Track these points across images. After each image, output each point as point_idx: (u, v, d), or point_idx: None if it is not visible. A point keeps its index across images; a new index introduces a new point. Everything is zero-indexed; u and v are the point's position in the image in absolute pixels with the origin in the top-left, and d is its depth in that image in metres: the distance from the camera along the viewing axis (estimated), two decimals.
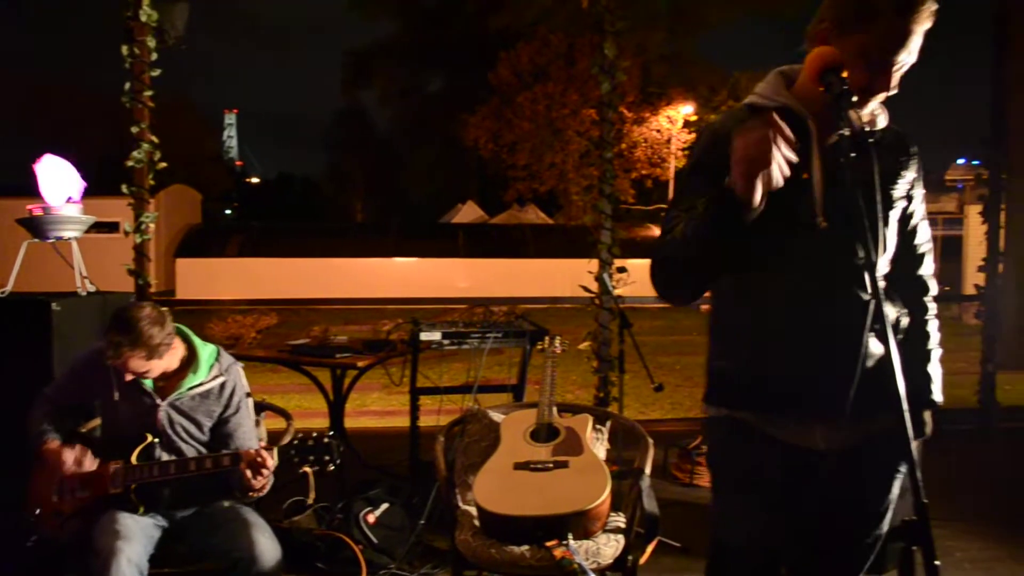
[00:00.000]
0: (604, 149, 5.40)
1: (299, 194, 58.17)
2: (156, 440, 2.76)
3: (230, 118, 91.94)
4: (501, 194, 28.89)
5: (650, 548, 3.28)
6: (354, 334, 4.91)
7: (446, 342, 4.23)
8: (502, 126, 26.50)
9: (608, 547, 2.69)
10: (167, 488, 2.76)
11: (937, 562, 1.42)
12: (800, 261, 1.79)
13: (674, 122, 26.08)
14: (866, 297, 1.78)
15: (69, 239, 4.02)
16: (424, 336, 4.21)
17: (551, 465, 2.85)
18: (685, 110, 26.21)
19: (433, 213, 36.60)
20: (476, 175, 38.73)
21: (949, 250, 20.13)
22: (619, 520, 2.87)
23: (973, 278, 6.42)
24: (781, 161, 1.58)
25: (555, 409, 3.19)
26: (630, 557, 2.73)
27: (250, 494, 2.71)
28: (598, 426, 3.25)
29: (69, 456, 2.73)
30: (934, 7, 1.70)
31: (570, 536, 2.61)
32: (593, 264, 5.39)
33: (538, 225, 25.19)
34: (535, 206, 28.03)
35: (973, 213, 9.01)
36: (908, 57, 1.73)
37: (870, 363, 1.81)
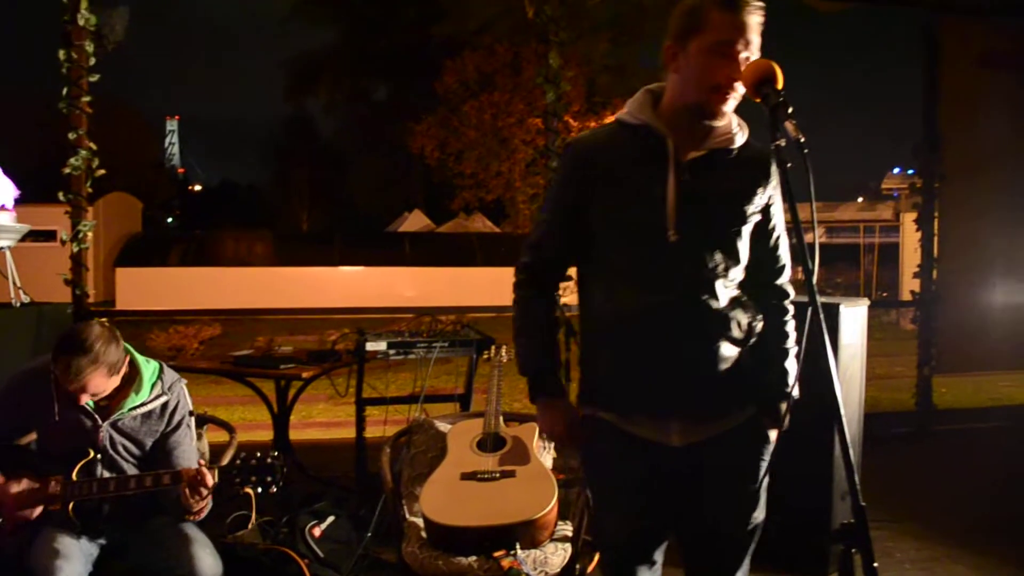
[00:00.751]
0: (550, 158, 5.44)
1: (243, 202, 57.34)
2: (97, 456, 2.68)
3: (172, 124, 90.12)
4: (448, 203, 28.82)
5: (597, 556, 3.30)
6: (299, 344, 4.86)
7: (392, 352, 4.20)
8: (448, 134, 26.45)
9: (556, 556, 2.70)
10: (106, 505, 2.69)
11: (875, 564, 1.45)
12: (653, 271, 1.91)
13: (595, 128, 26.22)
14: (715, 305, 1.91)
15: (3, 248, 3.92)
16: (370, 346, 4.18)
17: (498, 475, 2.85)
18: None
19: (380, 222, 36.39)
20: (423, 184, 38.59)
21: (886, 257, 20.64)
22: (566, 528, 2.88)
23: (910, 284, 6.60)
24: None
25: (501, 418, 3.19)
26: (577, 565, 2.75)
27: (188, 517, 2.66)
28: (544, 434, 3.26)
29: (12, 490, 2.63)
30: (759, 3, 1.83)
31: (518, 546, 2.61)
32: None
33: (485, 234, 25.19)
34: (482, 215, 28.02)
35: (908, 221, 9.27)
36: (749, 51, 1.83)
37: (722, 365, 1.93)
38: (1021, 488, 5.00)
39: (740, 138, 1.95)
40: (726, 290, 1.94)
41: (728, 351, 1.93)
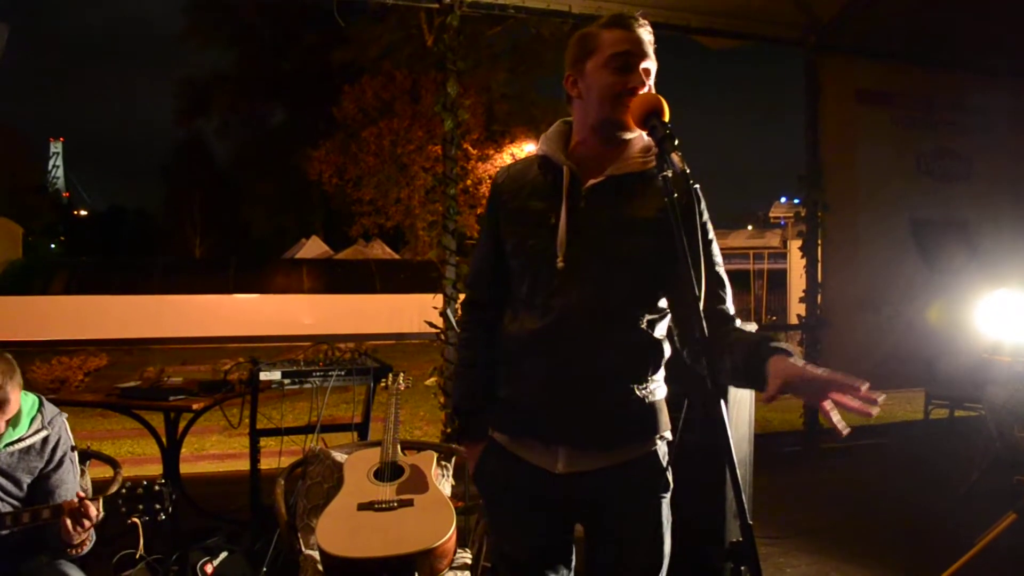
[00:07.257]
0: (448, 185, 5.46)
1: (132, 227, 55.59)
2: None
3: (56, 146, 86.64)
4: (346, 229, 28.50)
5: None
6: (191, 374, 4.71)
7: (286, 381, 4.12)
8: (347, 160, 26.19)
9: None
10: None
11: None
12: (542, 297, 1.93)
13: (518, 159, 26.55)
14: (606, 333, 1.89)
15: None
16: (263, 375, 4.09)
17: (396, 504, 2.82)
18: (528, 148, 26.77)
19: (276, 248, 35.75)
20: (321, 210, 38.12)
21: (775, 283, 21.42)
22: (466, 556, 2.87)
23: (797, 308, 6.87)
24: None
25: (399, 447, 3.16)
26: None
27: (69, 551, 2.53)
28: (443, 462, 3.25)
29: None
30: (644, 21, 1.90)
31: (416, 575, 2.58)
32: (438, 299, 5.41)
33: (384, 260, 25.00)
34: (381, 241, 27.82)
35: (794, 248, 9.65)
36: (647, 61, 1.89)
37: (613, 395, 1.92)
38: (903, 500, 5.25)
39: (652, 162, 1.88)
40: (622, 318, 1.91)
41: (620, 381, 1.91)
